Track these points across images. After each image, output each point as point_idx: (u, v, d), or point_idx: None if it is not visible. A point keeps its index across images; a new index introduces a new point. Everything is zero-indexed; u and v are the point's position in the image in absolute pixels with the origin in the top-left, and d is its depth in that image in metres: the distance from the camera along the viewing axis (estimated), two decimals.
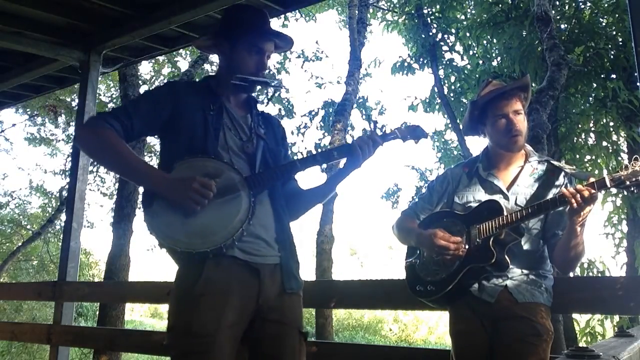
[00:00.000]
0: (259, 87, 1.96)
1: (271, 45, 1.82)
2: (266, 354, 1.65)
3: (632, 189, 1.71)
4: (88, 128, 1.71)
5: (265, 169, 1.75)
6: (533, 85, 6.65)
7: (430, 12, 9.71)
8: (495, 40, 8.33)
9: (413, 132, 1.86)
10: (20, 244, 14.00)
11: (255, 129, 1.81)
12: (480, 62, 8.81)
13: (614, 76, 7.44)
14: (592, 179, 1.75)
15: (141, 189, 1.68)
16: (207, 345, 1.51)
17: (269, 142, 1.83)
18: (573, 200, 1.73)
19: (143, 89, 11.20)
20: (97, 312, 8.42)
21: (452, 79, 9.55)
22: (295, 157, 1.95)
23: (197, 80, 1.89)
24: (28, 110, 13.16)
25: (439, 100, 9.48)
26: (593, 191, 1.72)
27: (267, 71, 1.84)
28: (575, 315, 6.36)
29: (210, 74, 2.05)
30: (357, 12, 11.24)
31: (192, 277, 1.57)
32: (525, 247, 1.95)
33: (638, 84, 5.81)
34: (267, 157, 1.80)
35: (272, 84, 1.96)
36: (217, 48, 1.84)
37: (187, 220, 1.56)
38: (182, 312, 1.57)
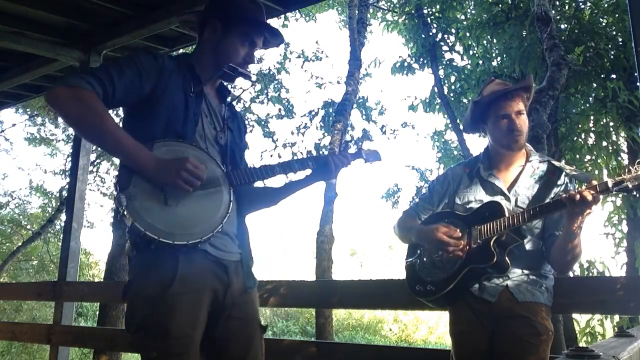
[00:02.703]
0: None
1: (262, 40, 1.78)
2: (232, 352, 1.63)
3: (634, 192, 1.71)
4: (67, 87, 1.46)
5: (243, 167, 1.72)
6: (533, 85, 6.64)
7: (430, 12, 9.71)
8: (495, 40, 8.33)
9: (373, 155, 1.92)
10: (20, 244, 14.00)
11: (227, 121, 1.77)
12: (480, 62, 8.81)
13: (614, 76, 7.45)
14: (594, 182, 1.74)
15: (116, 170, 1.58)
16: (186, 346, 1.48)
17: (235, 135, 1.80)
18: (575, 203, 1.73)
19: None
20: (97, 312, 8.43)
21: (452, 79, 9.55)
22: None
23: (177, 56, 1.77)
24: (28, 110, 13.15)
25: (439, 100, 9.48)
26: (595, 194, 1.72)
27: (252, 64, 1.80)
28: (575, 315, 6.36)
29: (187, 52, 1.95)
30: (357, 12, 11.24)
31: (166, 273, 1.47)
32: (527, 247, 1.95)
33: (638, 84, 5.81)
34: (235, 150, 1.77)
35: (251, 79, 1.91)
36: (205, 27, 1.73)
37: (167, 207, 1.46)
38: (157, 313, 1.46)
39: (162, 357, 1.47)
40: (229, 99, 1.85)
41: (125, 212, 1.41)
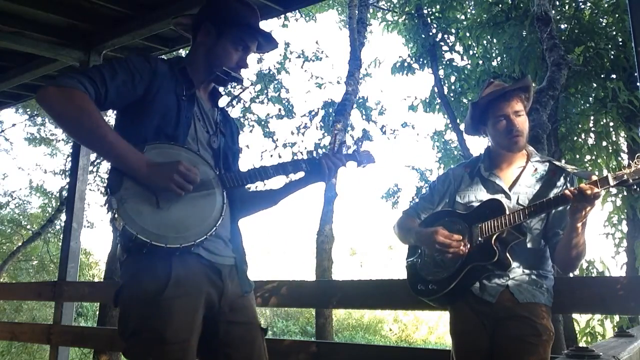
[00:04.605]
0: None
1: (255, 45, 1.77)
2: (235, 357, 1.61)
3: (635, 187, 1.72)
4: (58, 88, 1.43)
5: (236, 170, 1.71)
6: (533, 85, 6.64)
7: (430, 12, 9.71)
8: (495, 40, 8.33)
9: (367, 157, 1.90)
10: (20, 244, 14.00)
11: (220, 125, 1.76)
12: (480, 62, 8.80)
13: (614, 76, 7.44)
14: (594, 177, 1.75)
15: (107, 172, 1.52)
16: (182, 351, 1.45)
17: (227, 139, 1.79)
18: (575, 199, 1.73)
19: None
20: (97, 312, 8.43)
21: (452, 79, 9.55)
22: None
23: (170, 59, 1.75)
24: (28, 110, 13.17)
25: (439, 100, 9.48)
26: (595, 189, 1.72)
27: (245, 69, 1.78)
28: (575, 315, 6.36)
29: (180, 55, 1.94)
30: (357, 12, 11.24)
31: (159, 277, 1.44)
32: (527, 246, 1.95)
33: (638, 84, 5.81)
34: (228, 154, 1.76)
35: (243, 84, 1.89)
36: (199, 30, 1.72)
37: (159, 210, 1.44)
38: (151, 317, 1.43)
39: None
40: (221, 104, 1.84)
41: (116, 215, 1.39)
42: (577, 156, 7.48)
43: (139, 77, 1.56)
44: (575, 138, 7.65)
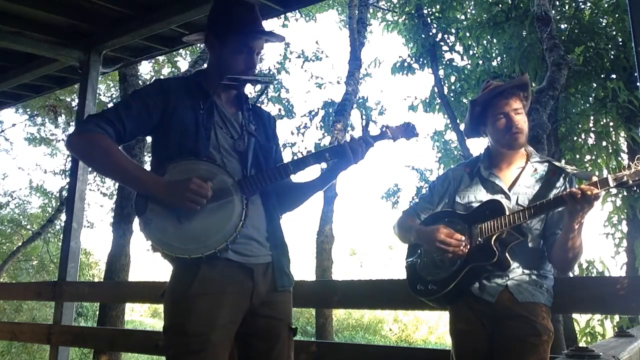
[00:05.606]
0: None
1: (261, 42, 1.78)
2: (256, 349, 1.67)
3: (635, 188, 1.71)
4: (80, 135, 1.66)
5: (259, 171, 1.73)
6: (533, 85, 6.65)
7: (430, 12, 9.72)
8: (495, 40, 8.34)
9: (404, 131, 1.87)
10: (20, 244, 14.01)
11: (246, 126, 1.79)
12: (480, 62, 8.81)
13: (614, 76, 7.45)
14: (594, 179, 1.74)
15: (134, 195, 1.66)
16: (202, 344, 1.53)
17: (259, 138, 1.82)
18: (575, 200, 1.73)
19: None
20: (97, 312, 8.43)
21: (452, 79, 9.56)
22: (293, 157, 1.92)
23: (188, 75, 1.84)
24: (28, 110, 13.17)
25: (439, 100, 9.48)
26: (596, 191, 1.72)
27: (257, 69, 1.82)
28: (575, 315, 6.37)
29: (201, 68, 2.04)
30: (357, 12, 11.25)
31: (187, 279, 1.58)
32: (527, 246, 1.95)
33: (638, 84, 5.81)
34: (259, 154, 1.79)
35: (262, 80, 1.92)
36: (206, 43, 1.82)
37: (181, 225, 1.57)
38: (178, 313, 1.58)
39: (180, 355, 1.55)
40: (249, 103, 1.87)
41: (144, 235, 1.56)
42: (577, 156, 7.49)
43: (153, 103, 1.68)
44: (575, 138, 7.66)
